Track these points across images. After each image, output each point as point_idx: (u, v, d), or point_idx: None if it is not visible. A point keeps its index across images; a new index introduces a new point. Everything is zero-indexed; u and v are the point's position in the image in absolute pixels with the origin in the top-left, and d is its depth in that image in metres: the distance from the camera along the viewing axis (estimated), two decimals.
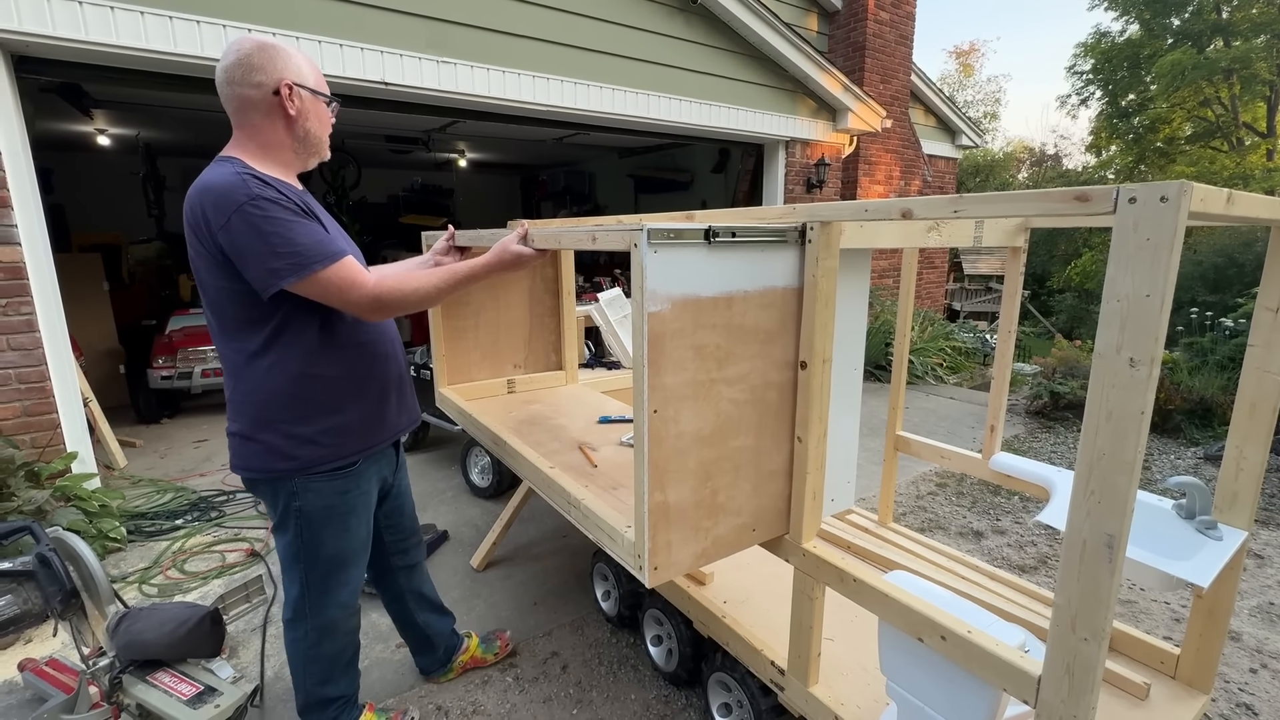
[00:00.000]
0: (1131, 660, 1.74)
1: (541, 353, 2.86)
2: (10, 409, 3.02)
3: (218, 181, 1.33)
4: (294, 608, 1.64)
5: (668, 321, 1.22)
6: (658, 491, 1.28)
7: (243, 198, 1.30)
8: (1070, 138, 24.20)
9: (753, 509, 1.46)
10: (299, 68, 1.44)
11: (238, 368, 1.46)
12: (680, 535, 1.34)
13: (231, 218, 1.30)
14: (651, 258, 1.17)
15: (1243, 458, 1.50)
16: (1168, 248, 0.84)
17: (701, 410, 1.31)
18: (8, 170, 2.94)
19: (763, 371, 1.40)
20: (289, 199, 1.37)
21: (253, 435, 1.47)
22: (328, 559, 1.59)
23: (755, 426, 1.41)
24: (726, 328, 1.31)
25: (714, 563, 2.03)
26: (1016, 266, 1.92)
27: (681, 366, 1.26)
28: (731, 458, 1.39)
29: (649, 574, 1.32)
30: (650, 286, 1.19)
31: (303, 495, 1.51)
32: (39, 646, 2.33)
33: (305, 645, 1.66)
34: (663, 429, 1.26)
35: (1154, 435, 4.73)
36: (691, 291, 1.25)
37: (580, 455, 2.01)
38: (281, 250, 1.31)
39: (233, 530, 3.27)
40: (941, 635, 1.20)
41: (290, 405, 1.46)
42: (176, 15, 3.15)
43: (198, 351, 5.12)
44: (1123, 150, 14.58)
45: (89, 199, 8.34)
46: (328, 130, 1.53)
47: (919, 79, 8.30)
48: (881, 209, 1.22)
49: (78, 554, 1.78)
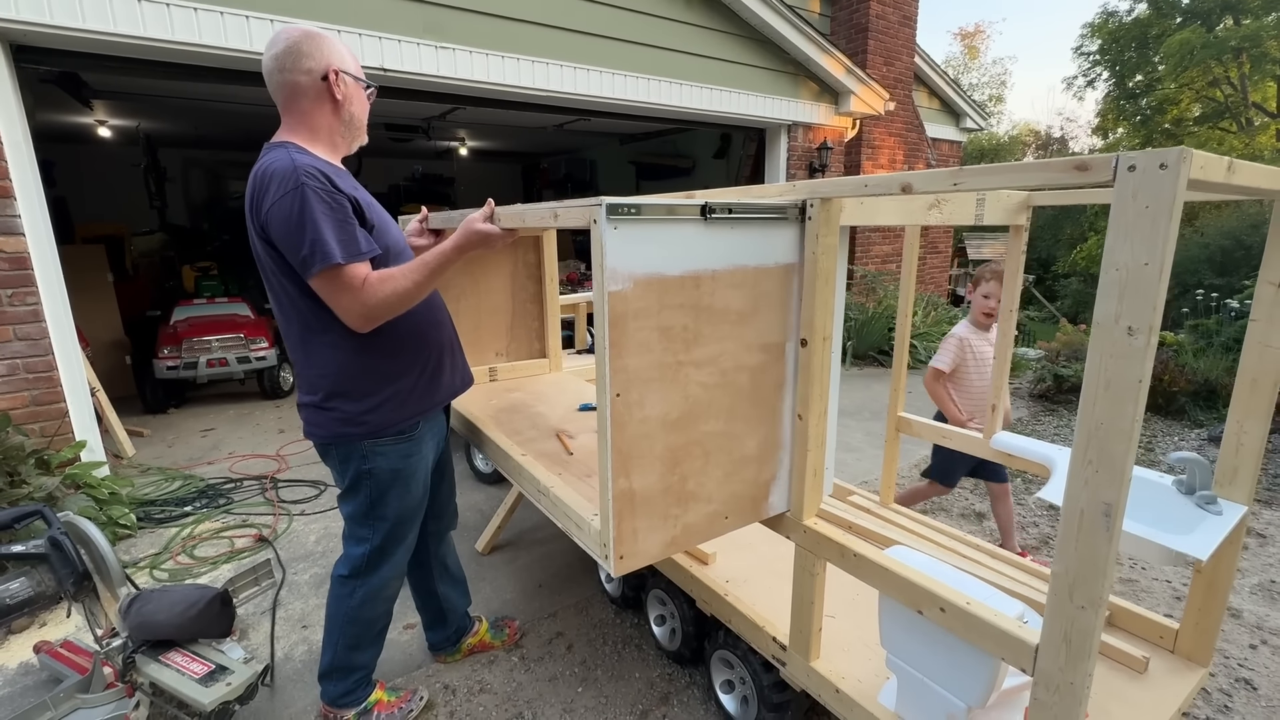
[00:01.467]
0: (1131, 635, 1.76)
1: (525, 340, 2.84)
2: (19, 398, 3.05)
3: (273, 166, 1.39)
4: (352, 564, 1.70)
5: (630, 301, 1.18)
6: (622, 478, 1.24)
7: (290, 184, 1.36)
8: (1077, 120, 24.01)
9: (725, 496, 1.42)
10: (343, 55, 1.51)
11: (304, 344, 1.53)
12: (647, 523, 1.31)
13: (277, 202, 1.36)
14: (611, 234, 1.13)
15: (1243, 433, 1.50)
16: (1166, 215, 0.84)
17: (668, 394, 1.27)
18: (9, 160, 2.94)
19: (734, 354, 1.36)
20: (332, 187, 1.40)
21: (324, 405, 1.56)
22: (393, 519, 1.68)
23: (727, 411, 1.37)
24: (694, 308, 1.27)
25: (716, 544, 2.05)
26: (1018, 245, 1.92)
27: (646, 348, 1.22)
28: (702, 443, 1.35)
29: (614, 563, 1.29)
30: (610, 264, 1.14)
31: (372, 459, 1.59)
32: (53, 630, 2.37)
33: (350, 604, 1.72)
34: (626, 414, 1.22)
35: (1158, 417, 4.73)
36: (656, 270, 1.20)
37: (557, 443, 2.01)
38: (311, 240, 1.36)
39: (241, 516, 3.31)
40: (941, 607, 1.21)
41: (356, 376, 1.53)
42: (174, 3, 3.13)
43: (203, 341, 5.15)
44: (1130, 132, 14.43)
45: (91, 191, 8.35)
46: (367, 115, 1.60)
47: (923, 61, 8.21)
48: (881, 184, 1.21)
49: (89, 537, 1.81)
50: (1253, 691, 2.02)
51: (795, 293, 1.42)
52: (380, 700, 1.86)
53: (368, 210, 1.52)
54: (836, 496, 2.60)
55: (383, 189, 10.36)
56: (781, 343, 1.44)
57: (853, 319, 6.81)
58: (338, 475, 1.66)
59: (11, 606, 1.69)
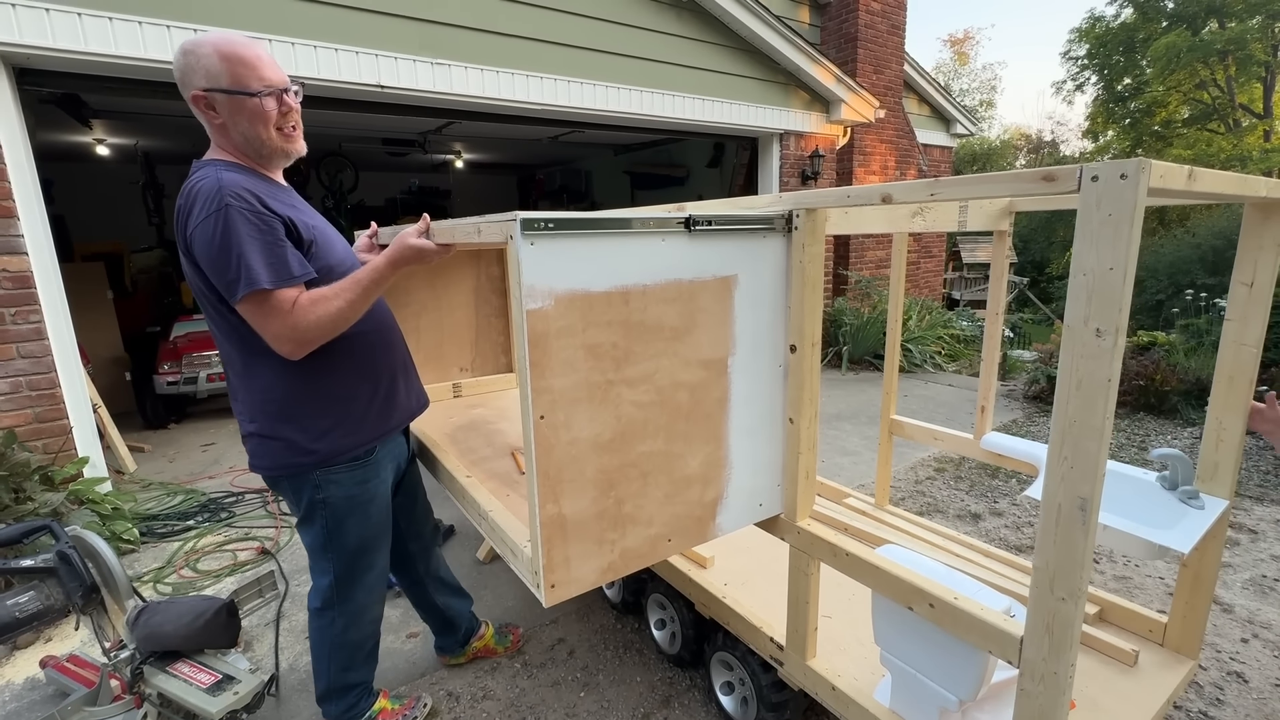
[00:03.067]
0: (1121, 629, 1.79)
1: (490, 354, 2.79)
2: (22, 415, 3.08)
3: (198, 185, 1.32)
4: (323, 597, 1.66)
5: (551, 319, 1.14)
6: (550, 503, 1.20)
7: (214, 205, 1.28)
8: (1067, 124, 24.15)
9: (666, 518, 1.38)
10: (209, 69, 1.33)
11: (245, 368, 1.45)
12: (581, 549, 1.26)
13: (200, 224, 1.29)
14: (528, 250, 1.09)
15: (1223, 429, 1.55)
16: (1128, 222, 0.89)
17: (598, 414, 1.23)
18: (12, 181, 2.99)
19: (670, 371, 1.31)
20: (261, 207, 1.32)
21: (271, 434, 1.47)
22: (354, 548, 1.62)
23: (665, 430, 1.33)
24: (624, 324, 1.23)
25: (714, 548, 2.08)
26: (1002, 249, 1.97)
27: (571, 367, 1.18)
28: (638, 464, 1.30)
29: (545, 592, 1.23)
30: (528, 281, 1.10)
31: (325, 487, 1.53)
32: (59, 645, 2.39)
33: (332, 633, 1.69)
34: (552, 436, 1.18)
35: (1151, 416, 4.78)
36: (579, 286, 1.16)
37: (511, 462, 1.98)
38: (236, 264, 1.28)
39: (243, 530, 3.33)
40: (930, 603, 1.25)
41: (303, 400, 1.46)
42: (173, 24, 3.20)
43: (202, 356, 5.18)
44: (1119, 135, 14.58)
45: (90, 209, 8.40)
46: (270, 127, 1.40)
47: (912, 68, 8.32)
48: (863, 194, 1.26)
49: (96, 550, 1.84)
50: (1244, 684, 2.05)
51: (734, 306, 1.39)
52: (384, 709, 1.87)
53: (303, 229, 1.42)
54: (832, 499, 2.64)
55: (379, 202, 10.43)
56: (723, 358, 1.40)
57: (848, 324, 6.87)
58: (291, 505, 1.59)
59: (21, 620, 1.72)
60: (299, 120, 1.48)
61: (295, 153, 1.48)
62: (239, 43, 1.37)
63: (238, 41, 1.37)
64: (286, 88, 1.42)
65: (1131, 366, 5.07)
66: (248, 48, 1.37)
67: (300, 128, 1.49)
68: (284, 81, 1.42)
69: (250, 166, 1.44)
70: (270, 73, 1.39)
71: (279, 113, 1.41)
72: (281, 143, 1.44)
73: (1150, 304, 8.45)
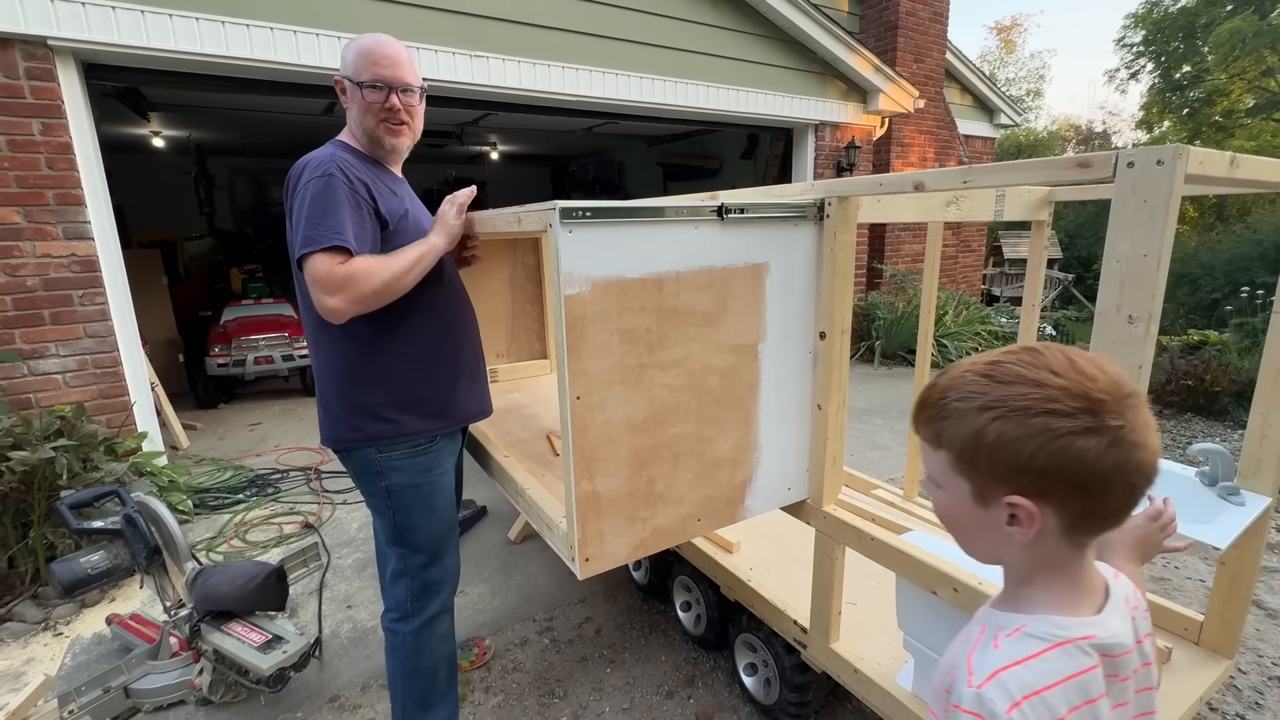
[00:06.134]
0: (1156, 627, 1.76)
1: (525, 341, 2.85)
2: (89, 391, 3.28)
3: (312, 155, 1.43)
4: (400, 608, 1.60)
5: (588, 304, 1.17)
6: (585, 481, 1.25)
7: (316, 172, 1.37)
8: (1120, 114, 23.21)
9: (697, 498, 1.41)
10: (347, 59, 1.48)
11: (313, 336, 1.51)
12: (614, 525, 1.31)
13: (299, 187, 1.39)
14: (566, 238, 1.13)
15: (1267, 424, 1.51)
16: (1163, 209, 0.89)
17: (632, 396, 1.26)
18: (81, 171, 3.18)
19: (702, 356, 1.34)
20: (353, 181, 1.39)
21: (329, 407, 1.52)
22: (425, 546, 1.58)
23: (696, 414, 1.36)
24: (657, 310, 1.26)
25: (739, 534, 2.10)
26: (1040, 240, 1.94)
27: (606, 351, 1.21)
28: (670, 446, 1.34)
29: (580, 565, 1.28)
30: (565, 268, 1.14)
31: (388, 474, 1.52)
32: (123, 604, 2.56)
33: (404, 655, 1.61)
34: (588, 416, 1.22)
35: (1200, 417, 4.61)
36: (615, 273, 1.19)
37: (546, 444, 2.03)
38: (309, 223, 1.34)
39: (288, 505, 3.49)
40: (954, 588, 1.26)
41: (359, 378, 1.48)
42: (229, 20, 3.33)
43: (250, 340, 5.41)
44: (1176, 125, 13.93)
45: (146, 199, 8.79)
46: (373, 116, 1.49)
47: (954, 57, 8.10)
48: (895, 182, 1.27)
49: (159, 515, 1.97)
50: None
51: (765, 293, 1.41)
52: None
53: (390, 218, 1.48)
54: (860, 490, 2.64)
55: (418, 192, 10.63)
56: (754, 344, 1.42)
57: (881, 318, 6.77)
58: (362, 491, 1.60)
59: (93, 576, 1.86)
60: (409, 119, 1.55)
61: (393, 146, 1.55)
62: (381, 41, 1.48)
63: (381, 41, 1.48)
64: (395, 86, 1.49)
65: (1181, 366, 4.89)
66: (380, 46, 1.47)
67: (409, 126, 1.56)
68: (398, 80, 1.49)
69: (365, 151, 1.54)
70: (386, 70, 1.47)
71: (381, 106, 1.48)
72: (381, 132, 1.51)
73: (1205, 302, 8.09)
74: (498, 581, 2.67)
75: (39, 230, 3.10)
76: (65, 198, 3.14)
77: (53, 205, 3.11)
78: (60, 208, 3.13)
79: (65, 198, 3.14)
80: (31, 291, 3.11)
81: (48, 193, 3.10)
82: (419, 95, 1.56)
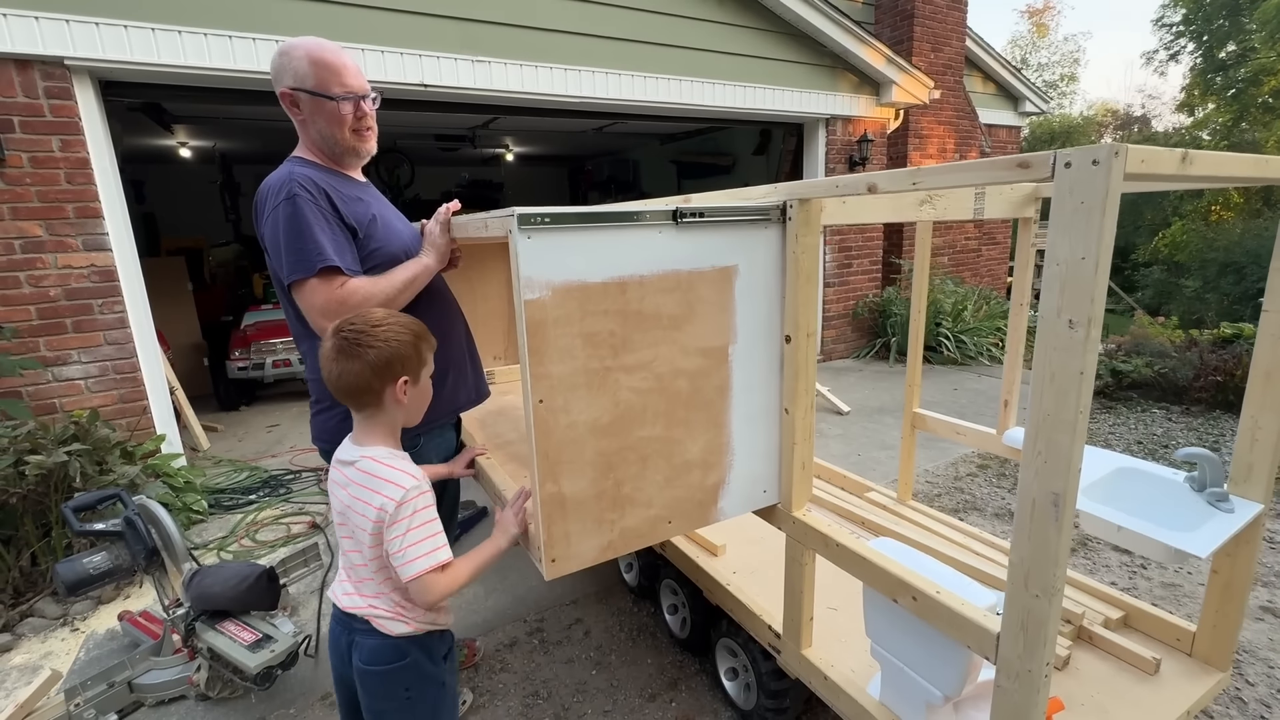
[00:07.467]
0: (1148, 637, 1.70)
1: None
2: (109, 396, 3.42)
3: (270, 178, 1.43)
4: None
5: (548, 309, 1.19)
6: (550, 483, 1.26)
7: (280, 197, 1.38)
8: (1160, 97, 22.21)
9: (666, 500, 1.42)
10: (297, 71, 1.43)
11: (303, 344, 1.54)
12: (580, 527, 1.32)
13: (268, 214, 1.41)
14: (525, 244, 1.14)
15: (1258, 428, 1.44)
16: (1100, 210, 0.86)
17: (596, 400, 1.27)
18: (99, 185, 3.31)
19: (669, 359, 1.34)
20: (315, 196, 1.39)
21: (321, 412, 1.55)
22: None
23: (664, 416, 1.37)
24: (621, 314, 1.27)
25: (726, 536, 2.09)
26: (1027, 237, 1.88)
27: (569, 355, 1.22)
28: (637, 448, 1.35)
29: (546, 566, 1.30)
30: (525, 273, 1.15)
31: None
32: (136, 601, 2.67)
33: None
34: (551, 419, 1.23)
35: (1228, 414, 4.42)
36: (576, 277, 1.20)
37: None
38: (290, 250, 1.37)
39: (298, 505, 3.59)
40: (913, 596, 1.23)
41: None
42: (235, 35, 3.43)
43: (269, 344, 5.56)
44: (1220, 107, 13.30)
45: (176, 207, 9.12)
46: (345, 128, 1.49)
47: (975, 44, 7.89)
48: (850, 184, 1.25)
49: (157, 517, 2.05)
50: None
51: (735, 295, 1.41)
52: None
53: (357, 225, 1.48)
54: (854, 492, 2.60)
55: (435, 196, 10.79)
56: (724, 346, 1.42)
57: (897, 314, 6.65)
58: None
59: (95, 576, 1.94)
60: (373, 124, 1.57)
61: (366, 152, 1.58)
62: (328, 49, 1.47)
63: (327, 48, 1.47)
64: (364, 95, 1.51)
65: (1211, 361, 4.70)
66: (335, 55, 1.47)
67: (374, 130, 1.58)
68: (364, 89, 1.51)
69: (324, 163, 1.53)
70: (352, 80, 1.49)
71: (354, 117, 1.50)
72: (354, 142, 1.53)
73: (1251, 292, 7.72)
74: (492, 582, 2.71)
75: (60, 242, 3.24)
76: (84, 211, 3.27)
77: (73, 218, 3.25)
78: (80, 220, 3.27)
79: (84, 211, 3.27)
80: (54, 301, 3.25)
81: (68, 206, 3.24)
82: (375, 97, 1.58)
